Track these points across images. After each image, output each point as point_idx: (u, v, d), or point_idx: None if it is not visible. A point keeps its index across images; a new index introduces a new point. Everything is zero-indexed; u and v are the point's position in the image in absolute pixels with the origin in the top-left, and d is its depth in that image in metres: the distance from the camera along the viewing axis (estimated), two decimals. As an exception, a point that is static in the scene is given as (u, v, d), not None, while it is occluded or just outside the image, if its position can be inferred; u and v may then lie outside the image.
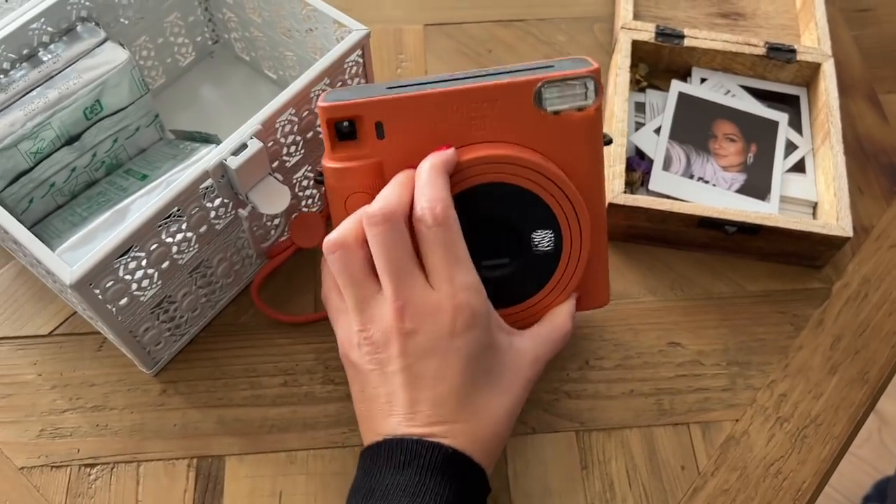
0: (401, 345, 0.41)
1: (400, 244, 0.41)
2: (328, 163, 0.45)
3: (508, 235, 0.45)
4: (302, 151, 0.54)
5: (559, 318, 0.47)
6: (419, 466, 0.39)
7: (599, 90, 0.44)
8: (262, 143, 0.47)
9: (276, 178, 0.50)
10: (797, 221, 0.55)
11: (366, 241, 0.42)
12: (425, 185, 0.42)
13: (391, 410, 0.42)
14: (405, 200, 0.42)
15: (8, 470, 0.51)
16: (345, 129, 0.44)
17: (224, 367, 0.55)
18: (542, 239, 0.46)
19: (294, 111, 0.51)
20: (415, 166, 0.43)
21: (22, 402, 0.53)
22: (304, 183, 0.57)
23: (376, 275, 0.43)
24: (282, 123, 0.50)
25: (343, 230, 0.43)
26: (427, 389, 0.42)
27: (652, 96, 0.65)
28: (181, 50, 0.66)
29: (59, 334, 0.56)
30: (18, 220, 0.45)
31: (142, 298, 0.48)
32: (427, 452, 0.40)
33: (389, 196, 0.42)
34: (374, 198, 0.43)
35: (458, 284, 0.42)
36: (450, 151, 0.43)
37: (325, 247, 0.43)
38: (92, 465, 0.51)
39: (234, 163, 0.46)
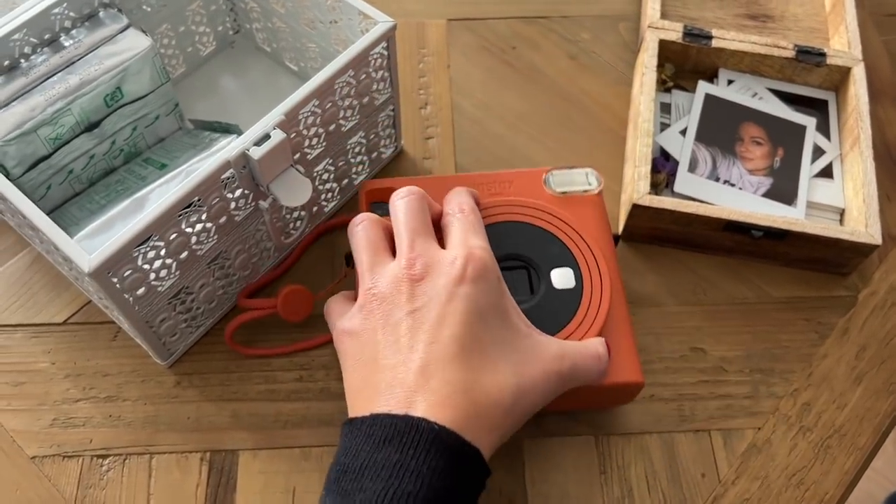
0: (409, 290, 0.41)
1: (420, 214, 0.44)
2: None
3: (530, 272, 0.48)
4: (324, 144, 0.53)
5: (592, 342, 0.45)
6: (401, 444, 0.36)
7: (601, 180, 0.52)
8: (284, 134, 0.46)
9: (297, 170, 0.49)
10: (825, 228, 0.54)
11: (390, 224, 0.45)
12: (455, 194, 0.47)
13: (383, 377, 0.39)
14: (430, 201, 0.46)
15: (19, 459, 0.50)
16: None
17: (239, 360, 0.54)
18: (563, 276, 0.48)
19: (317, 103, 0.50)
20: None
21: (35, 390, 0.53)
22: (325, 176, 0.56)
23: (394, 250, 0.44)
24: (305, 115, 0.50)
25: (371, 214, 0.46)
26: (428, 333, 0.39)
27: (678, 97, 0.64)
28: (202, 39, 0.65)
29: (73, 323, 0.55)
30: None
31: (159, 289, 0.48)
32: (410, 430, 0.36)
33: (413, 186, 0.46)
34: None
35: (472, 244, 0.43)
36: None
37: (353, 220, 0.45)
38: (104, 457, 0.51)
39: (256, 153, 0.46)
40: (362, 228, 0.45)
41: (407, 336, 0.39)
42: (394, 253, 0.44)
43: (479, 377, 0.39)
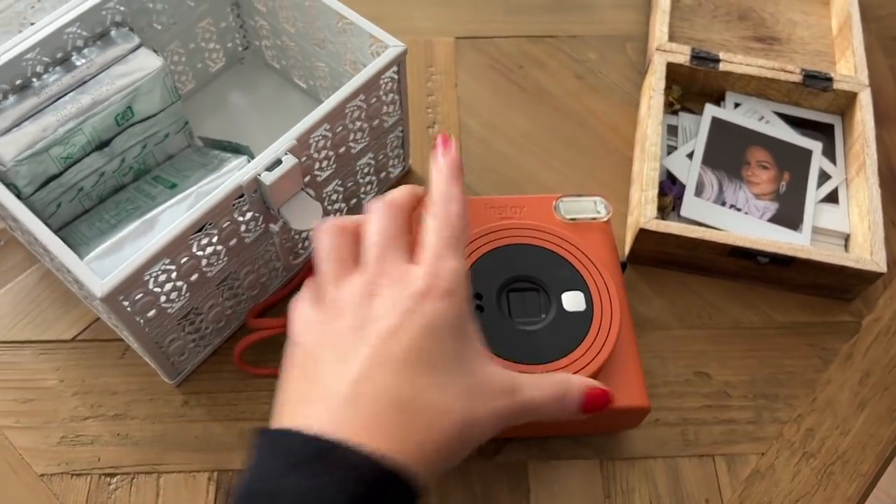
0: (368, 305, 0.37)
1: (394, 224, 0.40)
2: None
3: (541, 294, 0.48)
4: (333, 166, 0.53)
5: (558, 379, 0.40)
6: (315, 469, 0.32)
7: (610, 209, 0.53)
8: (296, 160, 0.47)
9: (308, 193, 0.49)
10: (830, 255, 0.55)
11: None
12: (446, 197, 0.40)
13: (314, 390, 0.35)
14: (412, 201, 0.41)
15: (28, 476, 0.51)
16: None
17: (247, 379, 0.54)
18: (573, 299, 0.48)
19: (328, 127, 0.50)
20: None
21: (43, 407, 0.53)
22: (334, 197, 0.56)
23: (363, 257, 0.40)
24: (315, 139, 0.50)
25: (344, 218, 0.41)
26: (373, 347, 0.35)
27: (684, 119, 0.64)
28: (212, 56, 0.66)
29: (81, 340, 0.56)
30: (46, 224, 0.45)
31: (169, 310, 0.48)
32: (327, 452, 0.32)
33: (396, 191, 0.42)
34: None
35: (443, 263, 0.38)
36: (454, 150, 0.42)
37: (321, 226, 0.40)
38: (112, 475, 0.51)
39: (268, 178, 0.46)
40: (327, 235, 0.40)
41: (353, 350, 0.36)
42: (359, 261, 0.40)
43: (424, 396, 0.35)
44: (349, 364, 0.35)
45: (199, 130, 0.62)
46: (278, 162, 0.47)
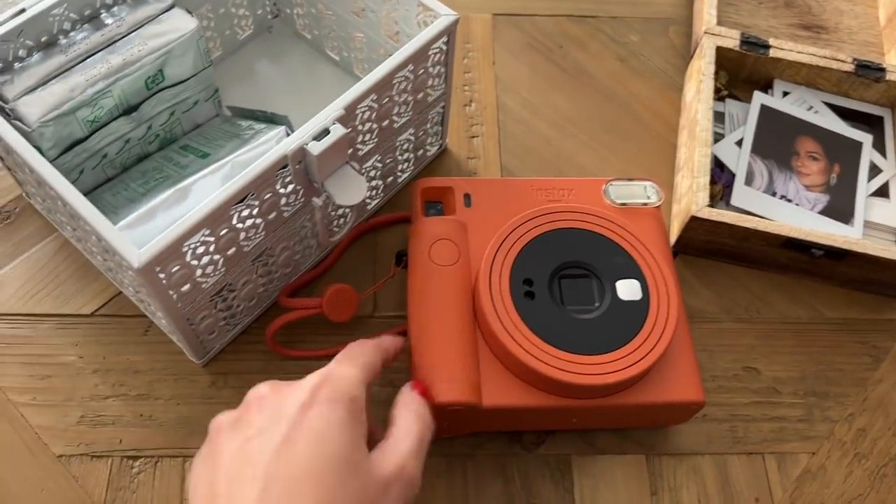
0: (257, 412, 0.36)
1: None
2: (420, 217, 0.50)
3: (593, 281, 0.46)
4: (375, 140, 0.51)
5: (406, 415, 0.39)
6: None
7: (662, 194, 0.51)
8: (345, 130, 0.44)
9: (353, 167, 0.47)
10: (886, 249, 0.53)
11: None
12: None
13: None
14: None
15: (45, 457, 0.48)
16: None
17: (276, 360, 0.52)
18: (629, 287, 0.46)
19: (375, 97, 0.47)
20: (492, 230, 0.47)
21: (62, 385, 0.50)
22: (372, 173, 0.54)
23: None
24: (362, 109, 0.47)
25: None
26: (261, 466, 0.33)
27: (732, 106, 0.62)
28: (241, 22, 0.63)
29: (102, 315, 0.53)
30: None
31: (203, 285, 0.45)
32: None
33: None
34: (456, 245, 0.48)
35: (334, 367, 0.38)
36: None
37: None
38: (135, 458, 0.48)
39: (315, 148, 0.43)
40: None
41: (243, 466, 0.34)
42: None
43: None
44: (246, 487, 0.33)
45: (224, 100, 0.59)
46: (325, 132, 0.44)
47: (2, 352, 0.51)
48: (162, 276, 0.42)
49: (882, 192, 0.59)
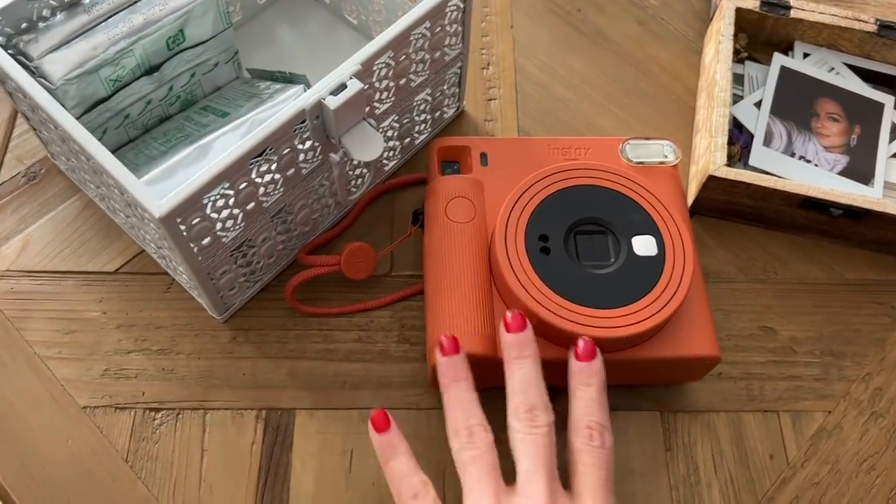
0: None
1: (550, 451, 0.40)
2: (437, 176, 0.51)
3: (609, 237, 0.47)
4: (392, 99, 0.51)
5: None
6: None
7: (679, 153, 0.51)
8: (362, 84, 0.44)
9: (370, 123, 0.47)
10: (906, 209, 0.52)
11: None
12: (586, 400, 0.41)
13: None
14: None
15: (70, 408, 0.49)
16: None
17: (296, 317, 0.52)
18: (645, 243, 0.46)
19: (392, 54, 0.48)
20: (508, 188, 0.48)
21: (86, 339, 0.51)
22: (389, 133, 0.54)
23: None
24: (379, 66, 0.48)
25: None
26: None
27: (751, 68, 0.62)
28: (260, -14, 0.63)
29: (125, 272, 0.54)
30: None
31: (223, 239, 0.46)
32: None
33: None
34: (472, 203, 0.48)
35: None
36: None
37: (449, 395, 0.41)
38: (157, 410, 0.49)
39: (332, 103, 0.44)
40: (473, 449, 0.40)
41: None
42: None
43: None
44: None
45: (244, 64, 0.60)
46: (342, 87, 0.44)
47: (29, 307, 0.52)
48: (183, 227, 0.42)
49: (903, 153, 0.58)
